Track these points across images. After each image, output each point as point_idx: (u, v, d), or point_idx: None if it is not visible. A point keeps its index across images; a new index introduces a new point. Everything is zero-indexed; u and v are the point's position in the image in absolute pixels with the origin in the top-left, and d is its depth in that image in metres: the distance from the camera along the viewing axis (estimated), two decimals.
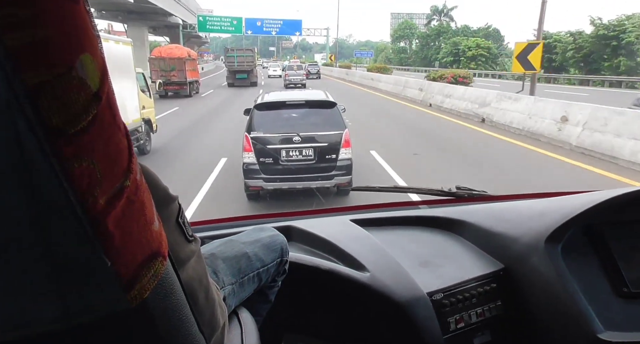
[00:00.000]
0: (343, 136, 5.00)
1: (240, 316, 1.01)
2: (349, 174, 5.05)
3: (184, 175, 6.54)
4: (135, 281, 0.43)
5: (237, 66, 26.17)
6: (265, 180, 4.92)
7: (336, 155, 4.97)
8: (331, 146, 4.97)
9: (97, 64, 0.38)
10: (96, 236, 0.39)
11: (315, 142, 4.95)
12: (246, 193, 5.16)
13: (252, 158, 4.90)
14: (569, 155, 7.61)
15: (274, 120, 5.14)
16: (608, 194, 1.16)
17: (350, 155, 5.05)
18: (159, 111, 12.64)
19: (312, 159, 4.95)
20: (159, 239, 0.47)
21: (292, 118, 5.21)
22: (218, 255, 1.03)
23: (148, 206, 0.46)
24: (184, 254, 0.61)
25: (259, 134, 4.96)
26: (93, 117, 0.37)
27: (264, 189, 4.99)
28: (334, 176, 4.99)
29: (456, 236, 1.44)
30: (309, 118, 5.23)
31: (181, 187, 5.29)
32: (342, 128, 5.04)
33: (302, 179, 4.97)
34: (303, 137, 4.91)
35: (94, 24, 0.39)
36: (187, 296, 0.56)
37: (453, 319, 1.18)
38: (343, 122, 5.13)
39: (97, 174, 0.38)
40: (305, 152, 4.93)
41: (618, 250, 1.13)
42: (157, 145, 8.81)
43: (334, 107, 5.21)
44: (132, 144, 0.44)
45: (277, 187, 5.00)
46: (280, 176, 4.96)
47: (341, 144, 4.97)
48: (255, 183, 4.96)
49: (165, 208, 0.59)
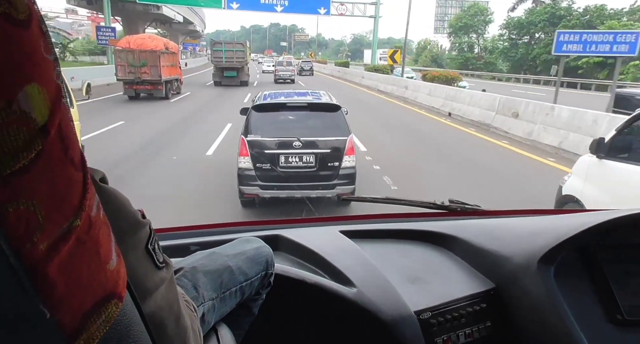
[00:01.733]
0: (347, 142, 4.72)
1: (219, 333, 0.99)
2: (352, 184, 4.77)
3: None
4: (81, 330, 0.39)
5: (226, 62, 22.67)
6: (261, 187, 4.65)
7: (339, 162, 4.69)
8: (334, 153, 4.71)
9: (46, 94, 0.34)
10: (34, 286, 0.35)
11: (317, 148, 4.69)
12: (240, 200, 4.92)
13: (248, 163, 4.65)
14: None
15: (273, 123, 4.89)
16: (604, 216, 1.13)
17: (354, 163, 4.77)
18: (89, 127, 8.59)
19: (313, 166, 4.69)
20: (114, 278, 0.43)
21: (292, 122, 4.93)
22: (199, 268, 1.00)
23: (104, 244, 0.42)
24: (151, 283, 0.58)
25: (256, 137, 4.68)
26: (37, 154, 0.34)
27: (260, 197, 4.74)
28: (336, 186, 4.70)
29: (447, 252, 1.42)
30: (310, 122, 4.92)
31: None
32: (346, 134, 4.75)
33: (302, 188, 4.69)
34: (304, 142, 4.64)
35: (49, 47, 0.36)
36: (155, 326, 0.55)
37: (440, 339, 1.15)
38: (347, 127, 4.82)
39: (38, 217, 0.34)
40: (305, 158, 4.67)
41: (612, 274, 1.10)
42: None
43: (338, 110, 4.93)
44: (88, 177, 0.41)
45: (274, 195, 4.73)
46: (277, 183, 4.68)
47: (345, 151, 4.69)
48: (251, 191, 4.69)
49: (132, 236, 0.56)
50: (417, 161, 7.86)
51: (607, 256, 1.12)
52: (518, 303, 1.16)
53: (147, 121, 11.54)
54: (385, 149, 8.62)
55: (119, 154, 7.51)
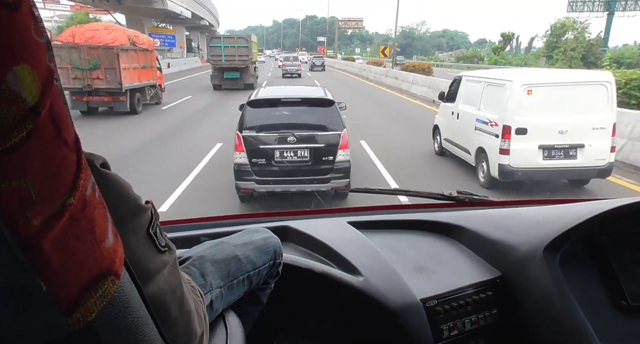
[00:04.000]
0: (341, 137, 4.74)
1: (227, 319, 1.01)
2: (347, 177, 4.81)
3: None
4: (77, 304, 0.41)
5: (226, 61, 18.17)
6: (257, 182, 4.68)
7: (333, 156, 4.72)
8: (328, 147, 4.72)
9: (37, 76, 0.35)
10: (29, 259, 0.37)
11: (312, 143, 4.71)
12: (238, 195, 4.93)
13: (243, 158, 4.66)
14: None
15: (268, 118, 4.88)
16: (610, 204, 1.13)
17: (348, 157, 4.80)
18: None
19: (308, 161, 4.71)
20: (111, 256, 0.45)
21: (287, 117, 4.92)
22: (207, 257, 1.02)
23: (100, 223, 0.44)
24: (153, 266, 0.60)
25: (251, 133, 4.69)
26: (28, 133, 0.34)
27: (256, 192, 4.76)
28: (331, 180, 4.74)
29: (454, 242, 1.44)
30: (305, 117, 4.93)
31: None
32: (340, 129, 4.77)
33: (297, 182, 4.72)
34: (298, 137, 4.66)
35: (41, 30, 0.36)
36: (157, 309, 0.56)
37: (446, 326, 1.16)
38: (341, 121, 4.86)
39: (31, 194, 0.36)
40: (300, 152, 4.69)
41: (618, 262, 1.11)
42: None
43: (332, 105, 4.93)
44: (83, 158, 0.42)
45: (270, 190, 4.77)
46: (273, 178, 4.71)
47: (339, 145, 4.72)
48: (247, 186, 4.72)
49: (133, 220, 0.58)
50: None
51: (613, 244, 1.13)
52: (524, 291, 1.17)
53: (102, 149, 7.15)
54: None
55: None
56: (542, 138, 5.26)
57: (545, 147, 5.27)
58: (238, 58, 18.12)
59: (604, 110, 5.27)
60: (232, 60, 18.11)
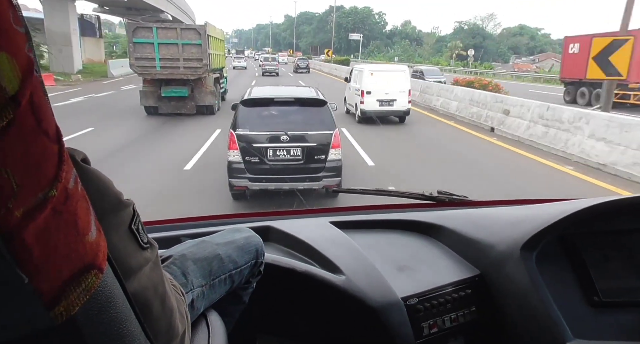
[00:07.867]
0: (333, 136, 4.88)
1: (208, 319, 1.01)
2: (339, 176, 4.95)
3: None
4: (60, 297, 0.40)
5: (162, 69, 11.07)
6: (250, 179, 4.80)
7: (325, 155, 4.86)
8: (320, 146, 4.86)
9: (16, 65, 0.34)
10: (9, 251, 0.36)
11: (304, 142, 4.83)
12: (231, 193, 5.04)
13: (237, 156, 4.77)
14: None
15: (261, 117, 5.00)
16: (583, 204, 1.16)
17: (339, 156, 4.94)
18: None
19: (300, 159, 4.83)
20: (94, 250, 0.44)
21: (280, 116, 5.06)
22: (189, 256, 1.01)
23: (82, 216, 0.43)
24: (135, 262, 0.60)
25: (244, 132, 4.81)
26: (8, 123, 0.34)
27: (250, 189, 4.87)
28: (323, 178, 4.87)
29: (434, 241, 1.45)
30: (297, 117, 5.08)
31: None
32: (332, 128, 4.93)
33: (289, 180, 4.85)
34: (291, 136, 4.78)
35: (20, 19, 0.35)
36: (139, 306, 0.55)
37: (427, 324, 1.18)
38: (333, 121, 5.01)
39: (12, 184, 0.35)
40: (293, 151, 4.80)
41: (591, 259, 1.14)
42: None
43: (324, 105, 5.09)
44: (64, 150, 0.41)
45: (263, 188, 4.87)
46: (266, 176, 4.83)
47: (331, 145, 4.86)
48: (240, 183, 4.83)
49: (115, 215, 0.57)
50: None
51: (587, 242, 1.15)
52: (502, 288, 1.20)
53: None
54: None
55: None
56: (377, 96, 11.09)
57: (380, 100, 11.14)
58: (184, 64, 11.10)
59: (404, 83, 11.38)
60: (173, 67, 11.06)
